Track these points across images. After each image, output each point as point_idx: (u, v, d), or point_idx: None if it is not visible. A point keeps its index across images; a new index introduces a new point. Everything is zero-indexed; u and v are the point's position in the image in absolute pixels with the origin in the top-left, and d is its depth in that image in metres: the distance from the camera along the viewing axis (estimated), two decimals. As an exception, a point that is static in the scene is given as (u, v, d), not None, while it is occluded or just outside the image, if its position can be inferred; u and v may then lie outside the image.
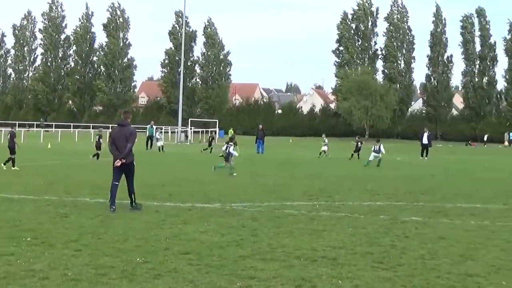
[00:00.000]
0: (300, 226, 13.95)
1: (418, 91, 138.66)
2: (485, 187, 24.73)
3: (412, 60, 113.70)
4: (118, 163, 15.84)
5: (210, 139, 53.58)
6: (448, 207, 17.79)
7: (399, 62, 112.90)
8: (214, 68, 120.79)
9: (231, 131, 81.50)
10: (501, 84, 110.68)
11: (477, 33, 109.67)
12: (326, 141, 46.40)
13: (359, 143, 44.03)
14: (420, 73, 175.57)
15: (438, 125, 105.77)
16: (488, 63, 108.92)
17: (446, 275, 9.57)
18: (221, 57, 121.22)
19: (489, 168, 38.12)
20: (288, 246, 11.56)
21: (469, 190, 23.02)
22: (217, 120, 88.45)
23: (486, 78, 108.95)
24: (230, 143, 29.82)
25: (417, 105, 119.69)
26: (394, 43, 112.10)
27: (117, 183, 15.93)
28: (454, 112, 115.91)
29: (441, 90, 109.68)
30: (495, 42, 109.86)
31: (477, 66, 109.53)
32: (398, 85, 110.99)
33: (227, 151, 29.33)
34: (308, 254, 10.93)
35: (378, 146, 37.19)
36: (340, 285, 8.91)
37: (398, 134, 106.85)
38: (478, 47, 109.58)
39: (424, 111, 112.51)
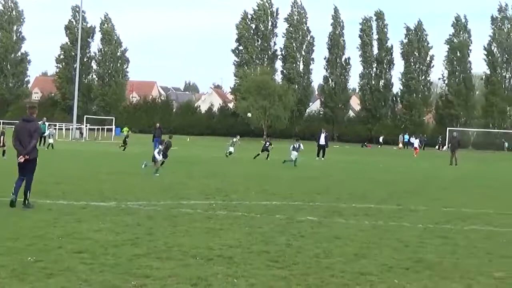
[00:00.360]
0: (196, 225, 13.95)
1: (317, 92, 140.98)
2: (379, 188, 25.35)
3: (311, 62, 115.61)
4: (21, 159, 15.58)
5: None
6: (343, 207, 18.17)
7: (298, 63, 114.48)
8: (111, 64, 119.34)
9: (126, 129, 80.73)
10: (397, 87, 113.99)
11: (375, 36, 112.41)
12: (235, 140, 46.03)
13: (267, 143, 44.43)
14: (319, 74, 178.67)
15: (335, 126, 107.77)
16: (385, 66, 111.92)
17: (340, 274, 9.78)
18: (118, 53, 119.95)
19: (384, 169, 39.07)
20: (184, 245, 11.54)
21: (364, 191, 23.54)
22: (113, 118, 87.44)
23: (383, 81, 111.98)
24: (160, 146, 29.62)
25: (315, 106, 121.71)
26: (294, 44, 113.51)
27: (23, 177, 15.76)
28: (351, 113, 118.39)
29: (339, 92, 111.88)
30: (392, 46, 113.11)
31: (374, 69, 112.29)
32: (296, 86, 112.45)
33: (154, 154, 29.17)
34: (204, 253, 10.95)
35: (298, 144, 38.08)
36: (236, 283, 8.96)
37: (296, 134, 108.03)
38: (375, 50, 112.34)
39: (321, 112, 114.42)
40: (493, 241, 13.42)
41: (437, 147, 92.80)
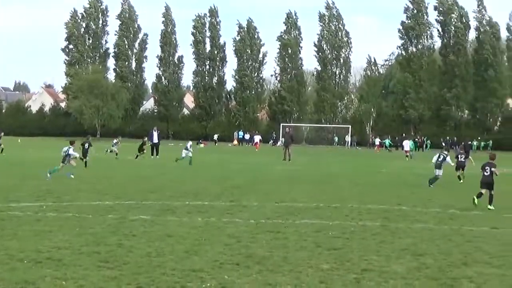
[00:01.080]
0: (25, 228, 13.66)
1: (151, 91, 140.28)
2: (213, 184, 25.68)
3: (144, 59, 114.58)
4: None
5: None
6: (176, 205, 18.30)
7: (131, 61, 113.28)
8: None
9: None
10: (230, 84, 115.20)
11: (208, 33, 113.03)
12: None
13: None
14: (152, 72, 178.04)
15: (169, 124, 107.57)
16: (218, 63, 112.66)
17: (171, 272, 9.90)
18: None
19: (218, 165, 39.49)
20: (11, 248, 11.29)
21: (198, 188, 23.77)
22: None
23: (216, 78, 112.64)
24: (71, 146, 28.54)
25: (149, 104, 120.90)
26: (126, 42, 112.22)
27: None
28: (186, 111, 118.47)
29: (172, 89, 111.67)
30: (224, 43, 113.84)
31: (207, 66, 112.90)
32: (130, 84, 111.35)
33: (67, 153, 28.11)
34: (32, 255, 10.76)
35: (189, 144, 40.70)
36: (65, 286, 8.89)
37: (130, 133, 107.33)
38: (208, 48, 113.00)
39: (155, 111, 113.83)
40: (323, 234, 13.98)
41: (271, 142, 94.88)
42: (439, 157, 28.75)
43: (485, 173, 20.55)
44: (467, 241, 13.69)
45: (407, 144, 58.64)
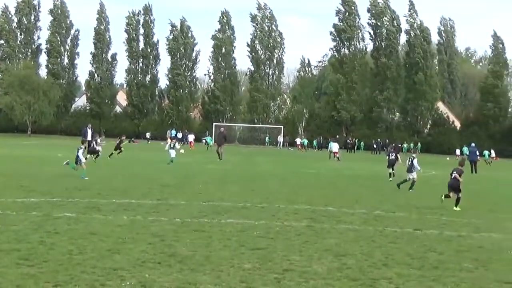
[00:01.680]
0: None
1: (83, 88, 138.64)
2: (142, 183, 25.52)
3: (76, 56, 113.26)
4: None
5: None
6: (103, 203, 18.15)
7: (63, 57, 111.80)
8: None
9: None
10: (163, 83, 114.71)
11: (142, 31, 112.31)
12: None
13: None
14: (85, 69, 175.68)
15: (102, 122, 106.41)
16: (151, 61, 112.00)
17: (91, 270, 9.83)
18: None
19: (149, 164, 39.28)
20: None
21: (126, 186, 23.63)
22: None
23: (149, 76, 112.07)
24: (81, 146, 27.83)
25: (81, 101, 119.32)
26: (58, 38, 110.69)
27: None
28: (118, 109, 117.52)
29: (105, 87, 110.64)
30: (158, 41, 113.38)
31: (141, 64, 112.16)
32: (62, 81, 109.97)
33: (77, 154, 27.38)
34: (-52, 254, 10.53)
35: (172, 143, 42.71)
36: (-20, 284, 8.73)
37: (61, 130, 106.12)
38: (142, 45, 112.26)
39: (88, 108, 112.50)
40: (247, 234, 14.04)
41: (204, 141, 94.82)
42: (408, 160, 28.50)
43: (452, 177, 21.38)
44: (390, 242, 13.92)
45: (336, 146, 58.87)
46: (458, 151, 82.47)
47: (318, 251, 12.46)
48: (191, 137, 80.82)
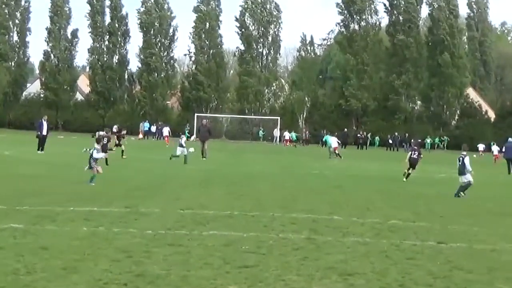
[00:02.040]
0: None
1: (37, 71, 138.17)
2: (108, 186, 25.46)
3: (28, 33, 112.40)
4: None
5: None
6: (58, 211, 18.06)
7: (11, 34, 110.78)
8: None
9: None
10: (134, 65, 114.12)
11: (108, 3, 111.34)
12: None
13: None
14: (39, 48, 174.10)
15: (59, 113, 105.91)
16: (119, 38, 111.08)
17: (41, 293, 9.75)
18: None
19: (119, 165, 39.19)
20: None
21: (88, 191, 23.56)
22: None
23: (117, 56, 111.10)
24: (96, 145, 27.65)
25: (34, 87, 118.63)
26: (6, 11, 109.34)
27: None
28: (79, 97, 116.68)
29: (64, 70, 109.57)
30: (127, 14, 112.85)
31: (106, 42, 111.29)
32: (10, 63, 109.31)
33: (91, 155, 27.17)
34: None
35: (183, 139, 43.53)
36: None
37: (10, 122, 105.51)
38: (108, 20, 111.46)
39: (42, 95, 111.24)
40: (233, 249, 13.98)
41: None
42: (458, 160, 28.05)
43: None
44: (408, 258, 13.84)
45: (335, 141, 58.47)
46: (481, 147, 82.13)
47: (320, 269, 12.40)
48: (166, 131, 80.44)
